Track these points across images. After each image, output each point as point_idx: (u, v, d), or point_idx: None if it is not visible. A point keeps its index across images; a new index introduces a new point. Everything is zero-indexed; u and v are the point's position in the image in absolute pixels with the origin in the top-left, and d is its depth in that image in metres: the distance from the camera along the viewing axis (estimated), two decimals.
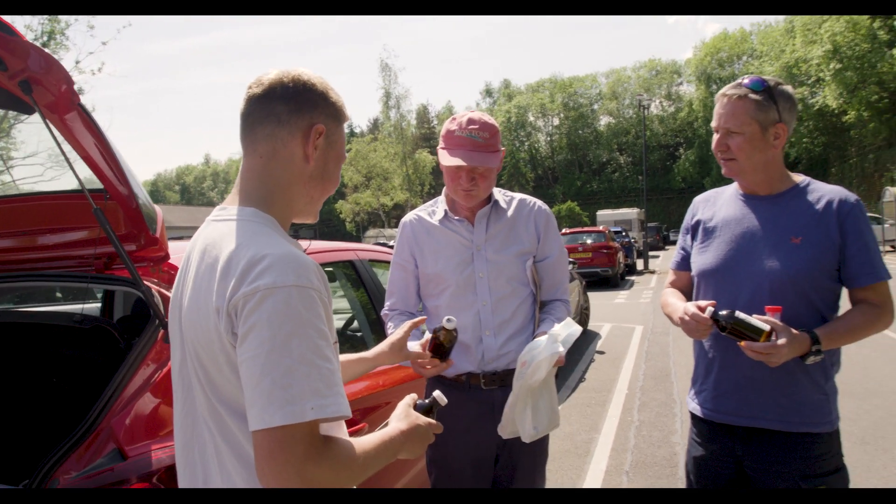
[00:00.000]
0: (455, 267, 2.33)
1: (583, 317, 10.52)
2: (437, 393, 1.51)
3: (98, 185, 1.89)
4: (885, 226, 25.33)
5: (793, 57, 41.59)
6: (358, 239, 43.88)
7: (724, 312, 1.91)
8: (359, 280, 3.04)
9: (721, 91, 2.09)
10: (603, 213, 35.76)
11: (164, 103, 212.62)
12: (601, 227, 21.41)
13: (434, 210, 2.46)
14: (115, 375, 1.80)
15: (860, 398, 6.01)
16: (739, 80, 2.06)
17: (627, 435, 5.36)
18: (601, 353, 9.03)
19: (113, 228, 2.00)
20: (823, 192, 2.05)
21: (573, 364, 8.28)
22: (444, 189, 2.46)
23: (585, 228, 21.65)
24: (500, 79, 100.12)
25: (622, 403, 6.32)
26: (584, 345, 9.65)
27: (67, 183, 1.99)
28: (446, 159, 2.26)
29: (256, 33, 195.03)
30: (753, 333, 1.85)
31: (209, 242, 1.22)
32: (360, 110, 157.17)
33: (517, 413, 2.10)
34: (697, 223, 2.24)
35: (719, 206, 2.20)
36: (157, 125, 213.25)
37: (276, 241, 1.17)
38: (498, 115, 69.49)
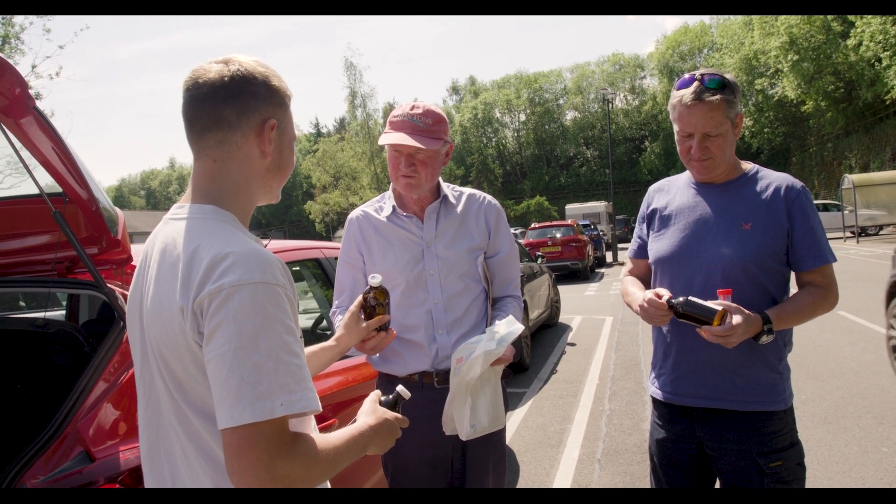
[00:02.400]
0: (405, 264, 2.26)
1: (553, 310, 10.64)
2: (400, 387, 1.53)
3: (57, 188, 1.87)
4: (845, 212, 25.98)
5: (752, 49, 42.35)
6: (328, 239, 43.62)
7: (679, 299, 1.97)
8: (326, 278, 3.05)
9: (687, 97, 2.02)
10: (571, 207, 36.05)
11: (126, 107, 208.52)
12: (570, 221, 21.58)
13: (381, 206, 2.38)
14: (80, 379, 1.79)
15: (822, 380, 6.19)
16: (698, 83, 2.02)
17: (599, 424, 5.44)
18: (572, 344, 9.13)
19: (74, 231, 1.99)
20: (771, 179, 2.12)
21: (545, 357, 8.37)
22: (392, 184, 2.38)
23: (554, 223, 21.78)
24: (465, 76, 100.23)
25: (593, 393, 6.41)
26: (555, 337, 9.75)
27: (28, 188, 1.96)
28: (383, 139, 2.19)
29: (217, 34, 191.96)
30: (707, 316, 1.91)
31: (168, 241, 1.21)
32: (326, 110, 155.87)
33: (455, 410, 2.07)
34: (653, 212, 2.30)
35: (673, 194, 2.26)
36: (119, 129, 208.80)
37: (237, 238, 1.17)
38: (465, 111, 69.58)
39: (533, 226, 21.46)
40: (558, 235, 19.57)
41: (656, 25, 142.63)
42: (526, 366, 7.67)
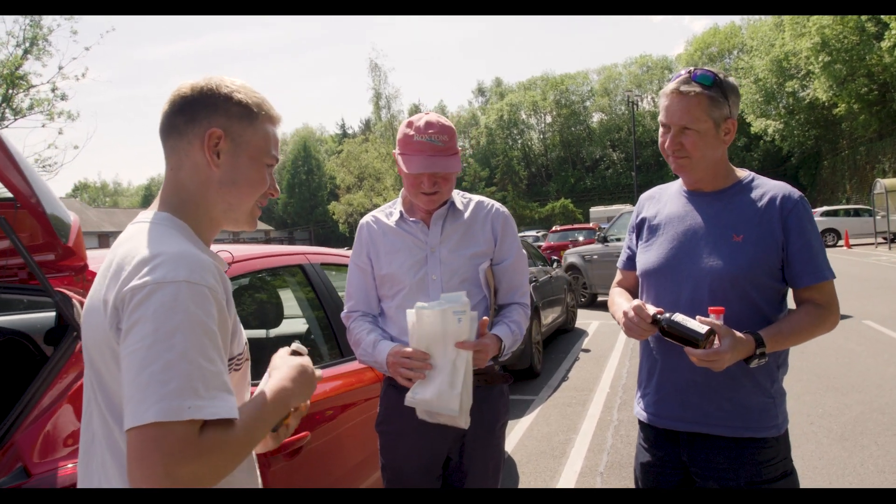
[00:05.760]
0: (409, 269, 2.29)
1: (569, 315, 10.48)
2: (295, 344, 1.45)
3: (8, 195, 1.82)
4: (877, 217, 25.32)
5: (782, 50, 41.62)
6: (352, 240, 43.81)
7: (665, 315, 1.84)
8: (308, 284, 2.97)
9: (671, 87, 1.96)
10: (596, 210, 35.75)
11: (156, 108, 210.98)
12: (592, 224, 21.37)
13: (391, 212, 2.42)
14: (28, 389, 1.73)
15: (842, 393, 5.96)
16: (687, 74, 1.95)
17: (605, 435, 5.29)
18: (587, 351, 8.96)
19: (30, 238, 1.94)
20: (767, 188, 1.98)
21: (558, 363, 8.22)
22: (402, 190, 2.43)
23: (576, 225, 21.64)
24: (491, 77, 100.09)
25: (603, 402, 6.26)
26: (570, 343, 9.59)
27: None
28: (409, 166, 2.20)
29: (244, 37, 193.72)
30: (692, 337, 1.77)
31: (118, 244, 1.21)
32: (351, 111, 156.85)
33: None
34: (642, 221, 2.18)
35: (664, 203, 2.14)
36: (148, 130, 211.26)
37: (177, 242, 1.16)
38: (490, 113, 69.48)
39: (555, 228, 21.33)
40: (580, 238, 19.38)
41: (684, 27, 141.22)
42: (537, 372, 7.53)
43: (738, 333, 1.78)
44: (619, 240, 14.56)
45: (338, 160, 44.68)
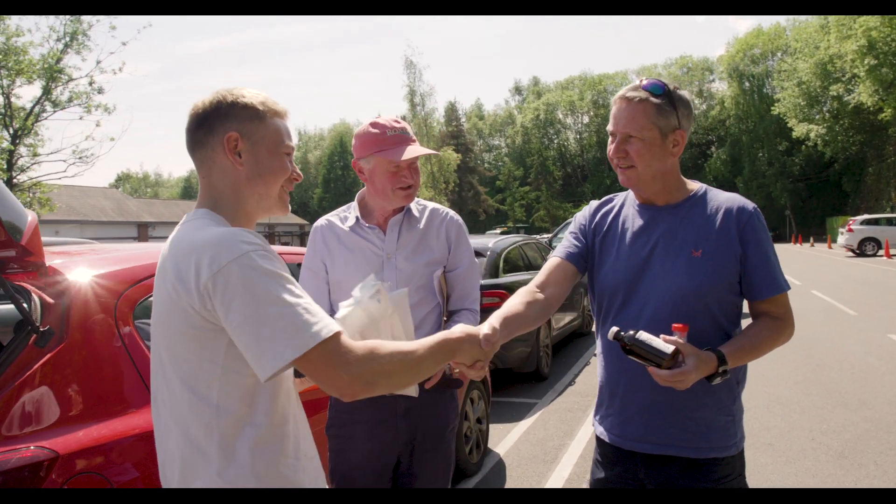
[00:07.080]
0: (364, 275, 2.25)
1: (586, 318, 10.40)
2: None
3: None
4: None
5: (827, 53, 40.50)
6: None
7: (629, 332, 1.78)
8: None
9: (619, 94, 1.96)
10: None
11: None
12: None
13: (346, 216, 2.44)
14: None
15: (851, 409, 5.80)
16: (637, 83, 1.94)
17: None
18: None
19: None
20: (721, 200, 1.95)
21: (568, 367, 8.19)
22: (357, 195, 2.46)
23: None
24: (529, 76, 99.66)
25: None
26: (584, 347, 9.53)
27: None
28: (398, 155, 2.24)
29: (282, 32, 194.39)
30: (656, 356, 1.72)
31: (175, 243, 1.39)
32: (388, 107, 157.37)
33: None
34: (595, 232, 2.11)
35: (615, 216, 2.09)
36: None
37: (211, 229, 1.35)
38: (527, 112, 69.09)
39: None
40: None
41: (728, 27, 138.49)
42: (544, 376, 7.51)
43: (701, 352, 1.74)
44: None
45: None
